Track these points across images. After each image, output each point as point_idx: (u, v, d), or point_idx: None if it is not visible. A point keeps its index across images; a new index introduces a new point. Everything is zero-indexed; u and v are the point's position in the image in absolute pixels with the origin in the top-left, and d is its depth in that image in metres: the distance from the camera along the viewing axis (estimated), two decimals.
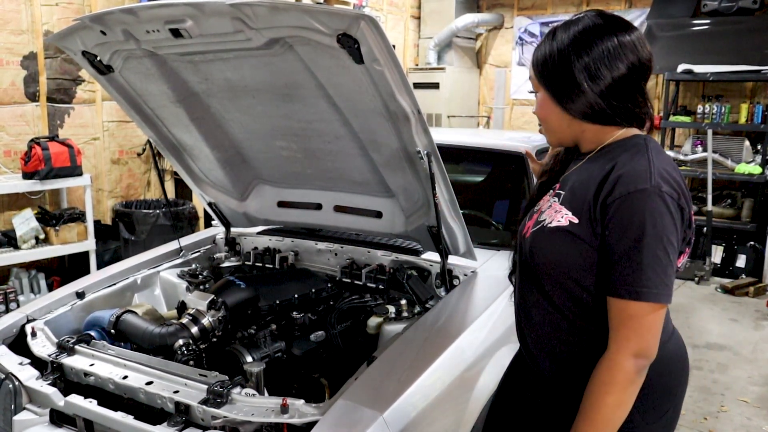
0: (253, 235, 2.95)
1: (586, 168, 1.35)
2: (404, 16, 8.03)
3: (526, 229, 1.43)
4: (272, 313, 2.32)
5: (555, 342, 1.39)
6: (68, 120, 4.86)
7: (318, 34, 1.72)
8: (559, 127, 1.38)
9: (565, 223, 1.28)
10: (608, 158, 1.30)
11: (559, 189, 1.40)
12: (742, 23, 6.21)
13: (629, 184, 1.21)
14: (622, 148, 1.31)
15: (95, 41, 2.08)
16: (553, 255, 1.31)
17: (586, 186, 1.29)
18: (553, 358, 1.41)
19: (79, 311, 2.35)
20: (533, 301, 1.41)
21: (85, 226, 4.54)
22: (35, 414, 1.89)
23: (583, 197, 1.28)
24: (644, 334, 1.21)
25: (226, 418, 1.63)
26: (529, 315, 1.43)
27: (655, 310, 1.20)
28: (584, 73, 1.28)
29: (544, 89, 1.36)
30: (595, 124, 1.34)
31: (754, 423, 3.33)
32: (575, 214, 1.28)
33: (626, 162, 1.25)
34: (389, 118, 1.95)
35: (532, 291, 1.40)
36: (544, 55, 1.33)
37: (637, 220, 1.19)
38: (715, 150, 6.06)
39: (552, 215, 1.33)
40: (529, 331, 1.45)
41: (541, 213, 1.39)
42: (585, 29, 1.29)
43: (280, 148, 2.45)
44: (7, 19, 4.38)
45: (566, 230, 1.28)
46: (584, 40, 1.28)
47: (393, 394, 1.65)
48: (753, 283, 5.59)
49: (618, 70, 1.27)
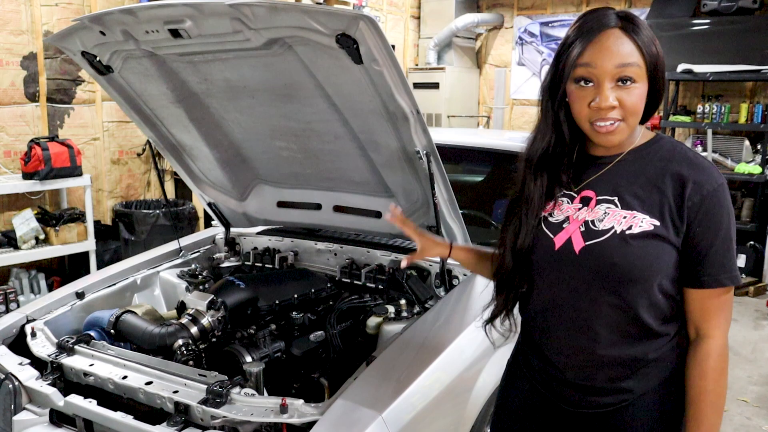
0: (253, 235, 2.95)
1: (632, 171, 1.31)
2: (404, 16, 8.04)
3: (565, 240, 1.32)
4: (272, 313, 2.32)
5: (635, 348, 1.33)
6: (68, 120, 4.86)
7: (317, 35, 1.72)
8: (635, 124, 1.31)
9: (650, 227, 1.26)
10: (657, 159, 1.30)
11: (601, 195, 1.33)
12: (741, 23, 6.21)
13: (710, 181, 1.26)
14: (662, 148, 1.32)
15: (94, 42, 2.08)
16: (640, 261, 1.26)
17: (655, 188, 1.28)
18: (618, 373, 1.34)
19: (78, 311, 2.36)
20: (600, 314, 1.31)
21: (85, 226, 4.54)
22: (35, 414, 1.90)
23: (656, 199, 1.27)
24: (731, 313, 1.33)
25: (226, 418, 1.64)
26: (591, 329, 1.33)
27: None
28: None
29: (649, 81, 1.27)
30: (643, 123, 1.34)
31: (753, 422, 3.33)
32: (654, 217, 1.27)
33: (690, 162, 1.28)
34: (388, 118, 1.95)
35: (600, 304, 1.30)
36: (656, 50, 1.27)
37: (725, 213, 1.27)
38: (715, 150, 6.06)
39: (623, 221, 1.28)
40: (595, 338, 1.33)
41: (593, 222, 1.31)
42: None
43: (279, 149, 2.45)
44: (7, 20, 4.38)
45: (653, 234, 1.26)
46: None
47: (392, 394, 1.65)
48: (753, 283, 5.59)
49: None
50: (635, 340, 1.32)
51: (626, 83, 1.24)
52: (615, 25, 1.25)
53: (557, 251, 1.33)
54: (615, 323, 1.31)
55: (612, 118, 1.25)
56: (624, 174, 1.32)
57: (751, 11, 6.19)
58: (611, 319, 1.31)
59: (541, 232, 1.37)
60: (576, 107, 1.29)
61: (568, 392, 1.39)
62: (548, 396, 1.43)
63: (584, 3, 7.44)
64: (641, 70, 1.25)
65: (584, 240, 1.30)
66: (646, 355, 1.32)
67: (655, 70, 1.26)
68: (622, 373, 1.33)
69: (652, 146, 1.33)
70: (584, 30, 1.26)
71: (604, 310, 1.30)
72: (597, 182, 1.35)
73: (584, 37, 1.25)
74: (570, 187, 1.38)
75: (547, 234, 1.36)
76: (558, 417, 1.42)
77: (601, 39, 1.24)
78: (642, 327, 1.30)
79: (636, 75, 1.24)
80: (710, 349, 1.29)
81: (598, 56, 1.24)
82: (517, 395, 1.52)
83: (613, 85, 1.24)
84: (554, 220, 1.36)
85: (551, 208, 1.38)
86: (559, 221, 1.36)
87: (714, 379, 1.29)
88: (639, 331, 1.31)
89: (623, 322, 1.30)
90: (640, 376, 1.33)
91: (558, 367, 1.39)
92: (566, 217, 1.35)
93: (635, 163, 1.32)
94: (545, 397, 1.44)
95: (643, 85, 1.26)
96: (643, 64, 1.25)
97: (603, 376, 1.34)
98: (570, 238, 1.32)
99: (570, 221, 1.34)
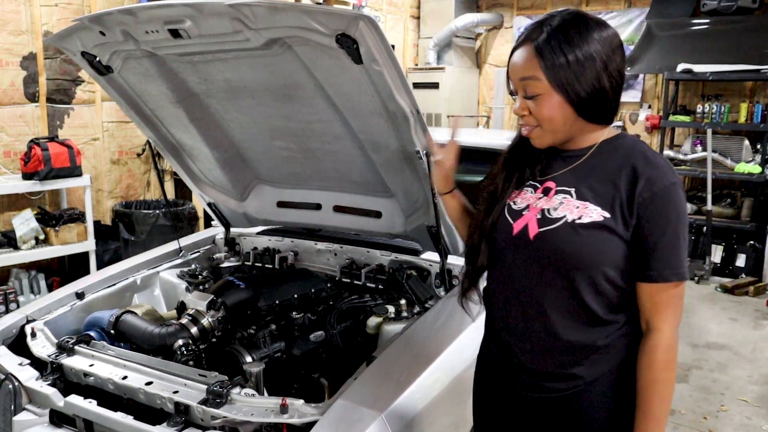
0: (253, 236, 2.95)
1: (592, 165, 1.38)
2: (404, 16, 8.04)
3: (523, 226, 1.40)
4: (272, 314, 2.32)
5: (585, 335, 1.39)
6: (68, 120, 4.86)
7: (317, 35, 1.72)
8: (563, 127, 1.36)
9: (599, 218, 1.32)
10: (617, 155, 1.36)
11: (560, 186, 1.40)
12: (741, 23, 6.21)
13: (663, 179, 1.30)
14: (623, 146, 1.38)
15: (94, 42, 2.08)
16: (587, 249, 1.33)
17: (610, 182, 1.34)
18: (568, 359, 1.40)
19: (78, 312, 2.36)
20: (552, 299, 1.38)
21: (84, 226, 4.54)
22: (35, 414, 1.89)
23: (609, 193, 1.33)
24: (681, 308, 1.37)
25: (226, 418, 1.64)
26: (543, 313, 1.40)
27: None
28: (607, 75, 1.32)
29: (557, 91, 1.31)
30: (599, 123, 1.38)
31: (753, 422, 3.33)
32: (605, 209, 1.33)
33: (647, 159, 1.33)
34: (388, 118, 1.95)
35: (552, 289, 1.37)
36: (565, 58, 1.29)
37: (674, 211, 1.30)
38: (715, 149, 6.07)
39: (575, 211, 1.34)
40: (548, 322, 1.39)
41: (548, 210, 1.37)
42: (609, 30, 1.34)
43: (279, 149, 2.45)
44: (7, 20, 4.38)
45: (601, 225, 1.32)
46: (611, 42, 1.32)
47: (392, 394, 1.65)
48: (753, 283, 5.59)
49: (625, 70, 1.36)
50: (584, 326, 1.38)
51: (530, 96, 1.34)
52: (530, 39, 1.33)
53: (515, 236, 1.42)
54: (565, 308, 1.38)
55: (528, 124, 1.38)
56: (585, 168, 1.39)
57: (751, 11, 6.19)
58: (561, 304, 1.37)
59: (502, 218, 1.46)
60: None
61: (523, 377, 1.46)
62: (506, 382, 1.50)
63: (584, 2, 7.44)
64: (542, 83, 1.31)
65: (539, 227, 1.38)
66: (595, 342, 1.38)
67: (567, 81, 1.30)
68: (572, 359, 1.40)
69: (614, 143, 1.39)
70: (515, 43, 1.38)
71: (555, 294, 1.37)
72: (558, 174, 1.43)
73: (514, 49, 1.38)
74: (535, 177, 1.46)
75: (507, 219, 1.45)
76: (520, 403, 1.49)
77: (515, 54, 1.36)
78: (590, 313, 1.37)
79: (536, 88, 1.32)
80: (658, 341, 1.34)
81: (510, 70, 1.38)
82: (488, 389, 1.59)
83: (523, 94, 1.36)
84: (516, 207, 1.45)
85: (516, 196, 1.47)
86: (521, 208, 1.44)
87: (661, 370, 1.34)
88: (588, 318, 1.37)
89: (572, 307, 1.37)
90: (590, 362, 1.39)
91: (515, 351, 1.46)
92: (527, 205, 1.43)
93: (596, 159, 1.39)
94: (507, 385, 1.50)
95: (552, 95, 1.32)
96: (544, 78, 1.31)
97: (554, 361, 1.41)
98: (527, 225, 1.41)
99: (529, 209, 1.42)
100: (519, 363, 1.46)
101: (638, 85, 7.03)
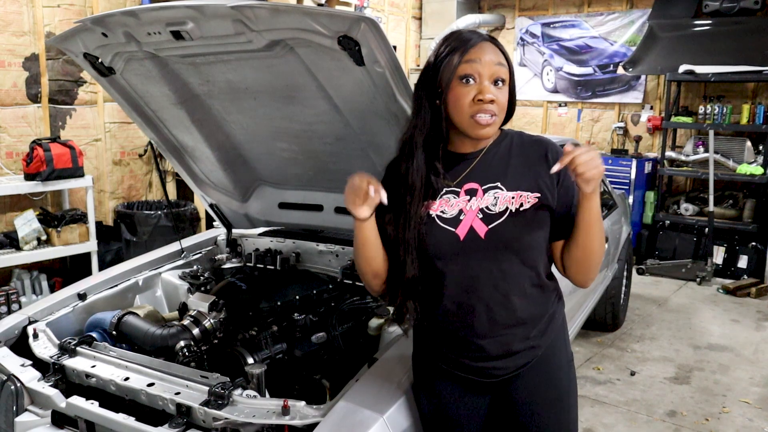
0: (255, 237, 2.95)
1: (499, 159, 1.51)
2: (405, 17, 8.04)
3: (468, 229, 1.45)
4: (273, 315, 2.32)
5: (540, 307, 1.54)
6: (70, 121, 4.87)
7: (319, 36, 1.72)
8: (501, 121, 1.50)
9: (535, 200, 1.47)
10: (515, 145, 1.53)
11: (486, 184, 1.49)
12: (743, 24, 6.20)
13: (559, 150, 1.49)
14: (513, 137, 1.55)
15: (97, 43, 2.08)
16: (537, 228, 1.48)
17: (526, 167, 1.50)
18: (527, 332, 1.52)
19: (80, 313, 2.36)
20: (513, 283, 1.48)
21: (86, 227, 4.55)
22: (37, 415, 1.90)
23: (531, 176, 1.49)
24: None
25: (228, 420, 1.64)
26: (507, 299, 1.49)
27: None
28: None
29: (510, 79, 1.48)
30: (508, 119, 1.55)
31: (755, 424, 3.33)
32: (534, 191, 1.47)
33: (540, 141, 1.55)
34: (390, 119, 1.95)
35: (510, 275, 1.48)
36: (505, 56, 1.49)
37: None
38: (717, 151, 6.05)
39: (513, 201, 1.46)
40: (511, 307, 1.49)
41: (487, 207, 1.47)
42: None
43: (281, 150, 2.45)
44: (9, 21, 4.39)
45: (540, 205, 1.47)
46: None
47: (394, 396, 1.65)
48: (755, 284, 5.58)
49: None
50: (538, 298, 1.53)
51: (498, 84, 1.44)
52: (482, 38, 1.46)
53: (463, 241, 1.47)
54: (523, 286, 1.50)
55: (491, 111, 1.43)
56: (494, 163, 1.51)
57: (753, 12, 6.18)
58: (521, 284, 1.49)
59: (438, 230, 1.48)
60: (460, 103, 1.43)
61: (490, 365, 1.52)
62: (470, 378, 1.55)
63: (585, 4, 7.44)
64: (506, 70, 1.46)
65: (486, 225, 1.46)
66: (547, 310, 1.55)
67: (512, 78, 1.48)
68: (530, 331, 1.52)
69: (506, 139, 1.55)
70: (462, 40, 1.45)
71: (514, 277, 1.48)
72: (474, 175, 1.51)
73: (465, 45, 1.44)
74: (449, 184, 1.51)
75: (447, 229, 1.48)
76: (484, 393, 1.57)
77: (481, 45, 1.44)
78: (541, 284, 1.53)
79: (506, 76, 1.46)
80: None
81: (481, 54, 1.43)
82: (441, 396, 1.60)
83: (490, 84, 1.43)
84: (448, 215, 1.49)
85: (440, 206, 1.50)
86: (454, 215, 1.49)
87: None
88: (540, 290, 1.53)
89: (528, 283, 1.50)
90: (542, 331, 1.54)
91: (480, 345, 1.51)
92: (460, 210, 1.49)
93: (498, 154, 1.52)
94: (468, 381, 1.55)
95: (506, 85, 1.46)
96: (508, 70, 1.47)
97: (518, 339, 1.51)
98: (472, 227, 1.47)
99: (465, 213, 1.48)
100: (486, 354, 1.51)
101: (640, 86, 7.02)
